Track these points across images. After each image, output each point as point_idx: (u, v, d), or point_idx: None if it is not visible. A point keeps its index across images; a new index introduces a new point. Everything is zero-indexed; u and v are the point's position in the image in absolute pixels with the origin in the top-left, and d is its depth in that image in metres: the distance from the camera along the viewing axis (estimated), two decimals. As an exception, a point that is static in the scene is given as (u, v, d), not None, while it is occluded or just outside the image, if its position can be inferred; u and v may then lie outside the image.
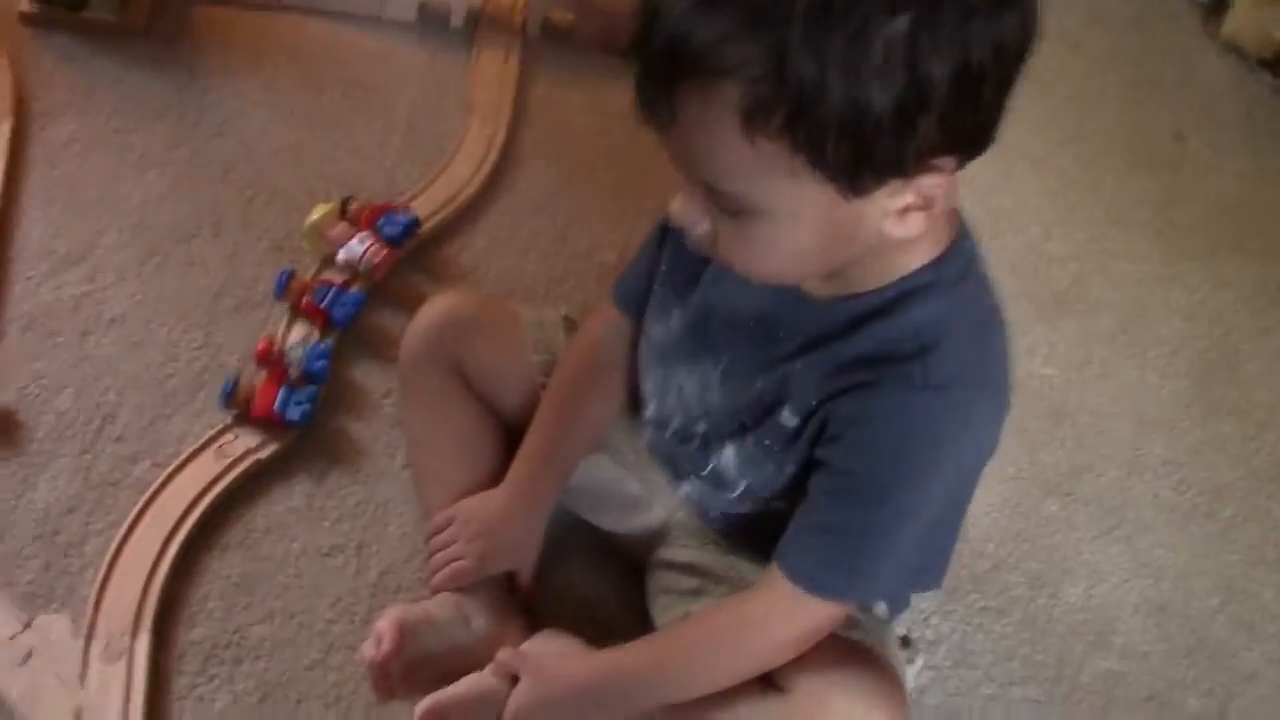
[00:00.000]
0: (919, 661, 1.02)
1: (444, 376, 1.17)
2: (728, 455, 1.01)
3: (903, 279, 0.86)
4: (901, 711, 0.94)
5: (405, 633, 1.03)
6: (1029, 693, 1.19)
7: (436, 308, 1.19)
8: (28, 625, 1.05)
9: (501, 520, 1.11)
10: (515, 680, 1.02)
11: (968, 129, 0.75)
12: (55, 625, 1.05)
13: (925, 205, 0.79)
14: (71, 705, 1.00)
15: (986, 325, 0.92)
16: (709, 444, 1.03)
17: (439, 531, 1.12)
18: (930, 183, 0.77)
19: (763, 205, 0.78)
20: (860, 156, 0.73)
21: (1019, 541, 1.30)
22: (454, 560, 1.10)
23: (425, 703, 0.99)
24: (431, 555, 1.12)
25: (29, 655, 1.03)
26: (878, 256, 0.85)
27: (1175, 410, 1.47)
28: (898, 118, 0.71)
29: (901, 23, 0.69)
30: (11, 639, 1.04)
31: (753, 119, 0.71)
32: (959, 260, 0.87)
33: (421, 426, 1.19)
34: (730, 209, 0.79)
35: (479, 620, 1.09)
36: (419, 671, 1.04)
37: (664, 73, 0.73)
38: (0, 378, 1.23)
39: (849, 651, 0.96)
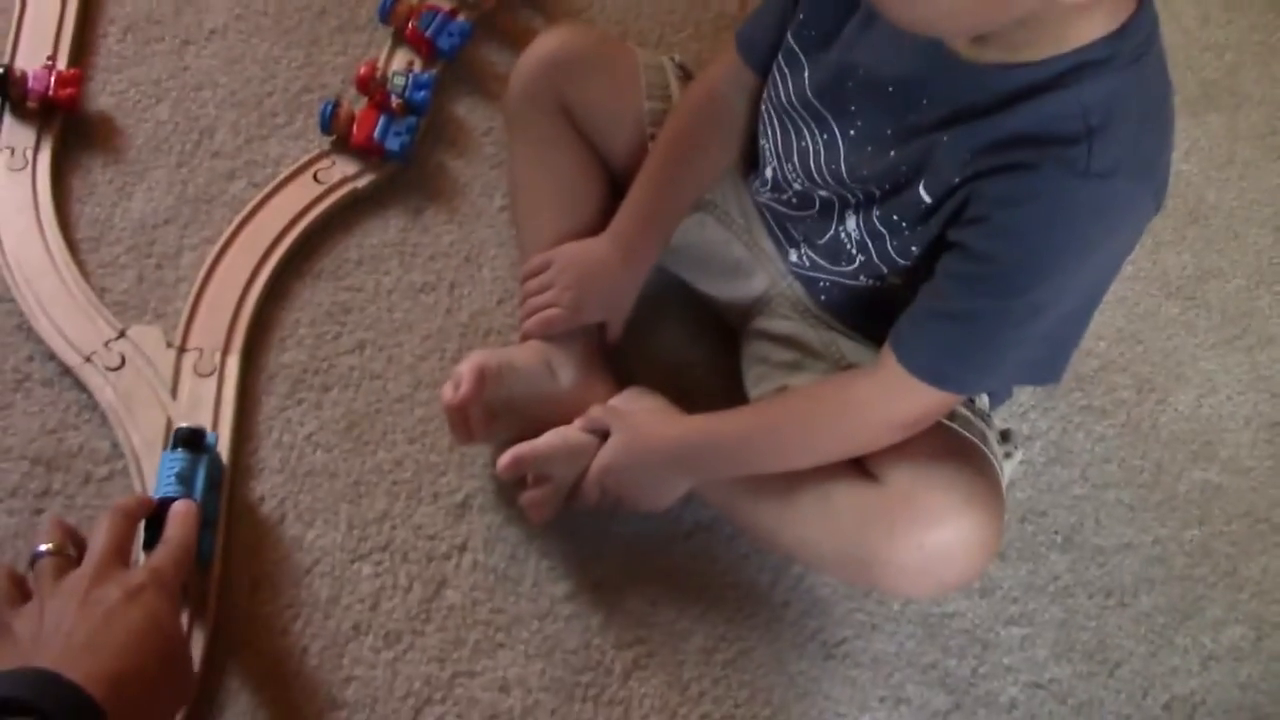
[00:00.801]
0: (1017, 456, 0.99)
1: (551, 116, 1.11)
2: (850, 226, 0.96)
3: (1075, 51, 0.78)
4: (997, 511, 0.91)
5: (485, 378, 1.00)
6: (1123, 496, 1.15)
7: (547, 43, 1.12)
8: (122, 333, 1.05)
9: (599, 270, 1.08)
10: (605, 436, 1.00)
11: None
12: (149, 336, 1.05)
13: None
14: (163, 415, 1.01)
15: (1159, 112, 0.83)
16: (831, 212, 0.97)
17: (535, 275, 1.09)
18: None
19: None
20: None
21: (1132, 343, 1.25)
22: (547, 306, 1.07)
23: (507, 455, 0.99)
24: (525, 299, 1.09)
25: (123, 362, 1.03)
26: (1047, 22, 0.76)
27: (1318, 220, 1.37)
28: None
29: None
30: (106, 345, 1.04)
31: None
32: (1138, 36, 0.78)
33: (524, 167, 1.14)
34: None
35: (566, 371, 1.07)
36: (501, 418, 1.03)
37: None
38: (100, 81, 1.20)
39: (948, 443, 0.93)
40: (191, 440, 0.95)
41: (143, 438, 1.00)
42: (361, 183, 1.17)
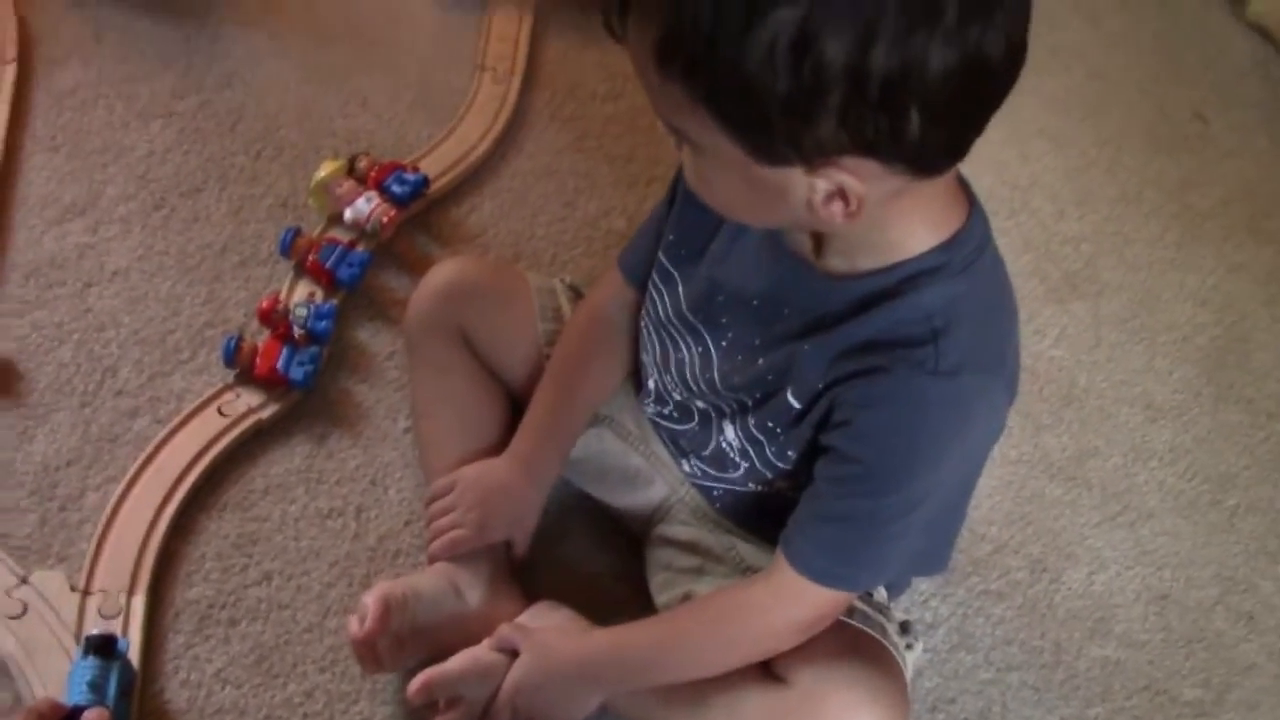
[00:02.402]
0: (918, 647, 1.02)
1: (449, 342, 1.15)
2: (729, 435, 1.00)
3: (912, 260, 0.84)
4: (902, 703, 0.94)
5: (391, 608, 1.01)
6: (1026, 678, 1.18)
7: (443, 273, 1.18)
8: (23, 580, 1.04)
9: (501, 489, 1.10)
10: (514, 656, 1.01)
11: (887, 142, 0.71)
12: (51, 581, 1.05)
13: (848, 201, 0.76)
14: (66, 661, 1.00)
15: (999, 309, 0.90)
16: (709, 422, 1.02)
17: (438, 498, 1.11)
18: (847, 180, 0.74)
19: (692, 139, 0.78)
20: (756, 128, 0.72)
21: (1022, 525, 1.30)
22: (452, 528, 1.09)
23: (419, 680, 0.99)
24: (430, 522, 1.11)
25: (24, 610, 1.02)
26: (878, 233, 0.83)
27: (1184, 397, 1.45)
28: (788, 104, 0.69)
29: (799, 7, 0.66)
30: (7, 593, 1.03)
31: (662, 58, 0.72)
32: (971, 242, 0.86)
33: (425, 392, 1.18)
34: (674, 135, 0.80)
35: (473, 592, 1.08)
36: (409, 644, 1.03)
37: None
38: (1, 326, 1.22)
39: (849, 640, 0.95)
40: (103, 647, 0.94)
41: (46, 686, 0.98)
42: (266, 413, 1.19)
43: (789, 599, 0.93)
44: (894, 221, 0.82)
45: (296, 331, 1.22)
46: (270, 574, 1.11)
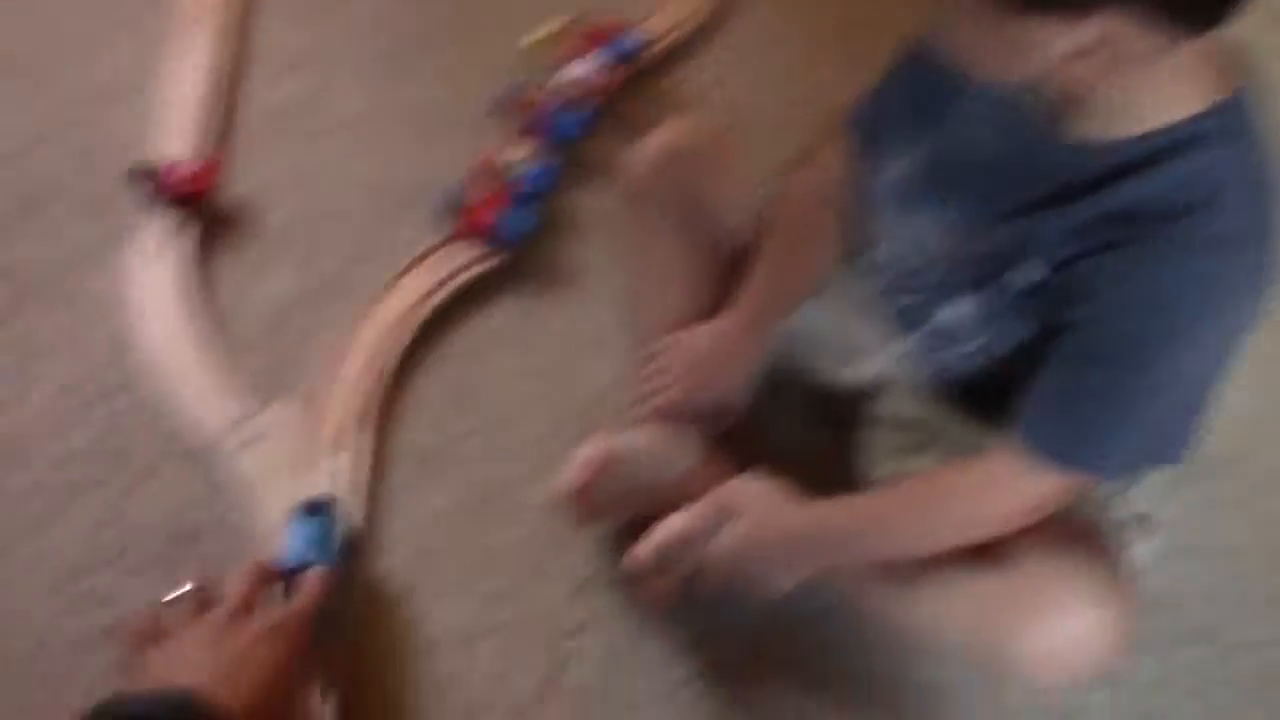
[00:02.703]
0: (1153, 542, 0.96)
1: (667, 205, 1.13)
2: (960, 308, 0.96)
3: (1170, 128, 0.78)
4: (1128, 601, 0.89)
5: (603, 463, 1.02)
6: (1259, 589, 1.12)
7: (663, 137, 1.15)
8: (257, 412, 1.08)
9: (715, 356, 1.09)
10: (724, 519, 1.00)
11: None
12: (283, 413, 1.08)
13: (1110, 56, 0.71)
14: (295, 491, 1.03)
15: (1264, 184, 0.83)
16: (941, 294, 0.97)
17: (652, 361, 1.10)
18: (1107, 32, 0.70)
19: None
20: None
21: (1270, 425, 1.22)
22: (664, 391, 1.08)
23: (647, 545, 0.97)
24: (642, 385, 1.10)
25: (257, 439, 1.06)
26: (1135, 97, 0.77)
27: None
28: None
29: None
30: (241, 423, 1.07)
31: None
32: (1235, 113, 0.78)
33: (642, 254, 1.16)
34: None
35: (683, 456, 1.07)
36: (620, 501, 1.03)
37: None
38: (236, 171, 1.25)
39: (1078, 528, 0.91)
40: (322, 510, 0.96)
41: (275, 513, 1.02)
42: (483, 268, 1.20)
43: (1015, 479, 0.87)
44: (1153, 85, 0.76)
45: (513, 189, 1.22)
46: (487, 423, 1.12)
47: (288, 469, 1.04)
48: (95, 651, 0.96)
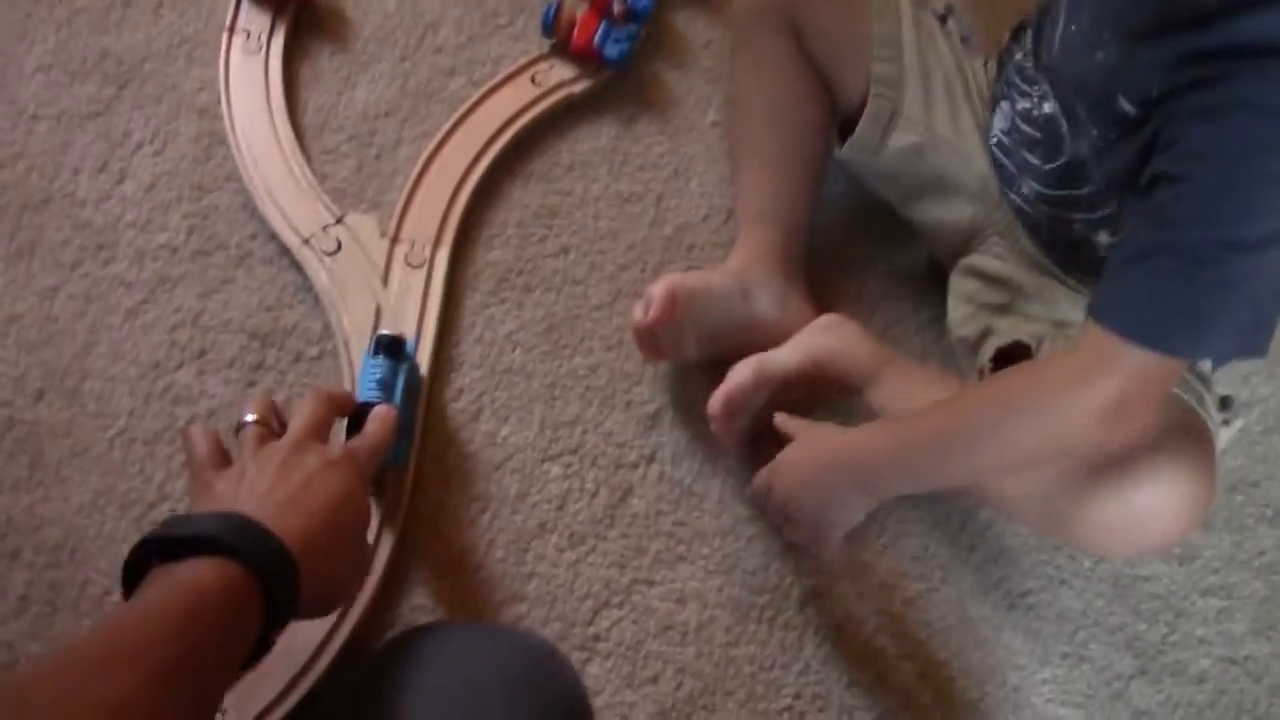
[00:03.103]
0: (1236, 424, 0.93)
1: (778, 35, 1.08)
2: (1070, 144, 0.91)
3: None
4: (1208, 477, 0.86)
5: (676, 300, 0.99)
6: (1344, 475, 1.09)
7: None
8: (339, 220, 1.08)
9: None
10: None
11: None
12: (364, 224, 1.08)
13: None
14: (373, 301, 1.04)
15: None
16: (1052, 127, 0.92)
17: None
18: None
19: None
20: None
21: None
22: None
23: (718, 398, 0.98)
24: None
25: (339, 247, 1.06)
26: None
27: None
28: None
29: None
30: (324, 230, 1.07)
31: None
32: None
33: (746, 84, 1.11)
34: None
35: (763, 298, 1.05)
36: (693, 341, 1.02)
37: None
38: (331, -28, 1.23)
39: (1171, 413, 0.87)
40: (393, 347, 0.96)
41: (353, 322, 1.03)
42: (578, 88, 1.17)
43: (1094, 370, 0.79)
44: None
45: (616, 7, 1.18)
46: (567, 248, 1.11)
47: (365, 281, 1.05)
48: (172, 446, 0.99)
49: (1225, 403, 0.93)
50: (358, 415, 0.89)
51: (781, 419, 1.00)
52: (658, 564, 1.00)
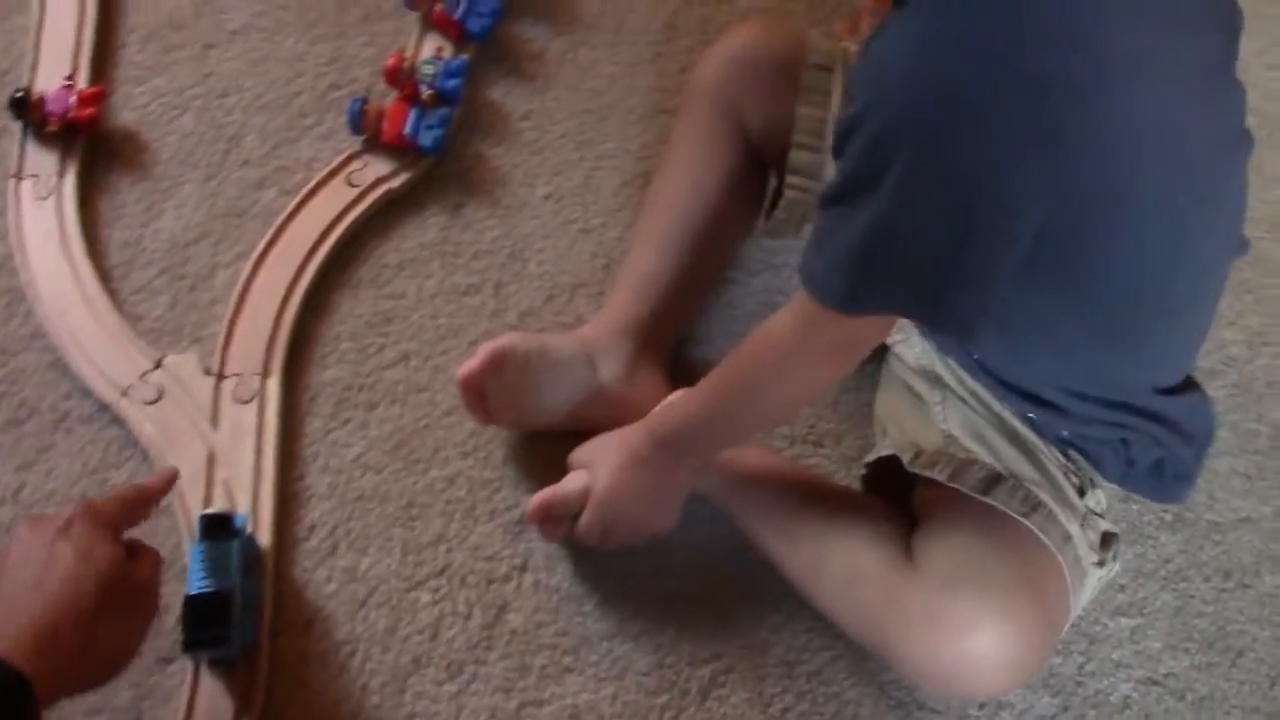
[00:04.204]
0: (1114, 568, 0.90)
1: (718, 118, 1.03)
2: None
3: None
4: (1041, 626, 0.83)
5: (506, 357, 0.94)
6: (1237, 465, 1.06)
7: (739, 39, 1.03)
8: (158, 364, 1.01)
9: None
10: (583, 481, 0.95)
11: None
12: (185, 364, 1.01)
13: None
14: (204, 446, 0.97)
15: None
16: None
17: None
18: None
19: None
20: None
21: (1240, 293, 1.14)
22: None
23: (535, 500, 0.94)
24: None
25: (161, 394, 0.99)
26: None
27: None
28: None
29: None
30: (142, 378, 1.00)
31: None
32: None
33: (669, 158, 1.07)
34: None
35: (608, 365, 0.99)
36: (530, 406, 0.97)
37: None
38: (122, 96, 1.16)
39: (1006, 533, 0.84)
40: (218, 527, 0.89)
41: (186, 471, 0.96)
42: (396, 182, 1.11)
43: (800, 317, 0.81)
44: None
45: (424, 91, 1.13)
46: (408, 354, 1.05)
47: (193, 425, 0.98)
48: None
49: (1107, 541, 0.89)
50: (193, 610, 0.85)
51: (571, 460, 0.96)
52: (544, 680, 0.93)
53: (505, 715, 0.92)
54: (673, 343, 1.05)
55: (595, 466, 0.94)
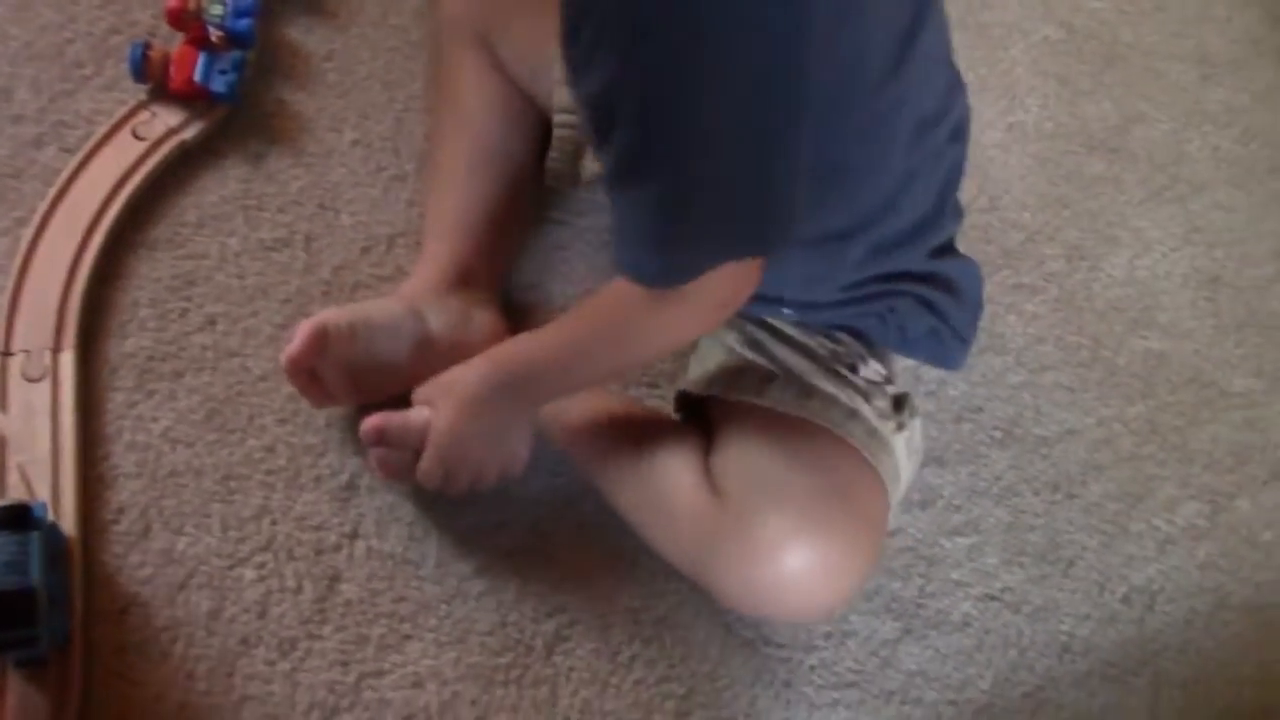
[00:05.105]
0: (915, 425, 0.88)
1: (470, 50, 0.98)
2: None
3: None
4: (855, 530, 0.82)
5: (328, 334, 0.89)
6: (1061, 378, 1.08)
7: None
8: (-67, 345, 0.92)
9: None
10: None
11: None
12: (-35, 343, 0.93)
13: None
14: (-7, 435, 0.90)
15: None
16: None
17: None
18: None
19: None
20: None
21: (1058, 208, 1.16)
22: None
23: (371, 420, 0.89)
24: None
25: (-61, 378, 0.91)
26: None
27: (1243, 48, 1.27)
28: None
29: None
30: (-83, 360, 0.92)
31: None
32: None
33: (437, 101, 1.03)
34: None
35: (437, 315, 0.95)
36: (370, 376, 0.92)
37: None
38: None
39: (800, 440, 0.83)
40: (15, 518, 0.81)
41: (-27, 460, 0.88)
42: (189, 133, 1.03)
43: (626, 296, 0.79)
44: None
45: (213, 34, 1.05)
46: (214, 318, 0.98)
47: (-24, 412, 0.90)
48: None
49: (900, 404, 0.88)
50: None
51: (414, 397, 0.91)
52: (383, 650, 0.90)
53: (345, 689, 0.88)
54: (499, 282, 1.00)
55: (436, 405, 0.89)
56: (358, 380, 0.92)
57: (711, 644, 0.93)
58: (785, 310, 0.88)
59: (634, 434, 0.93)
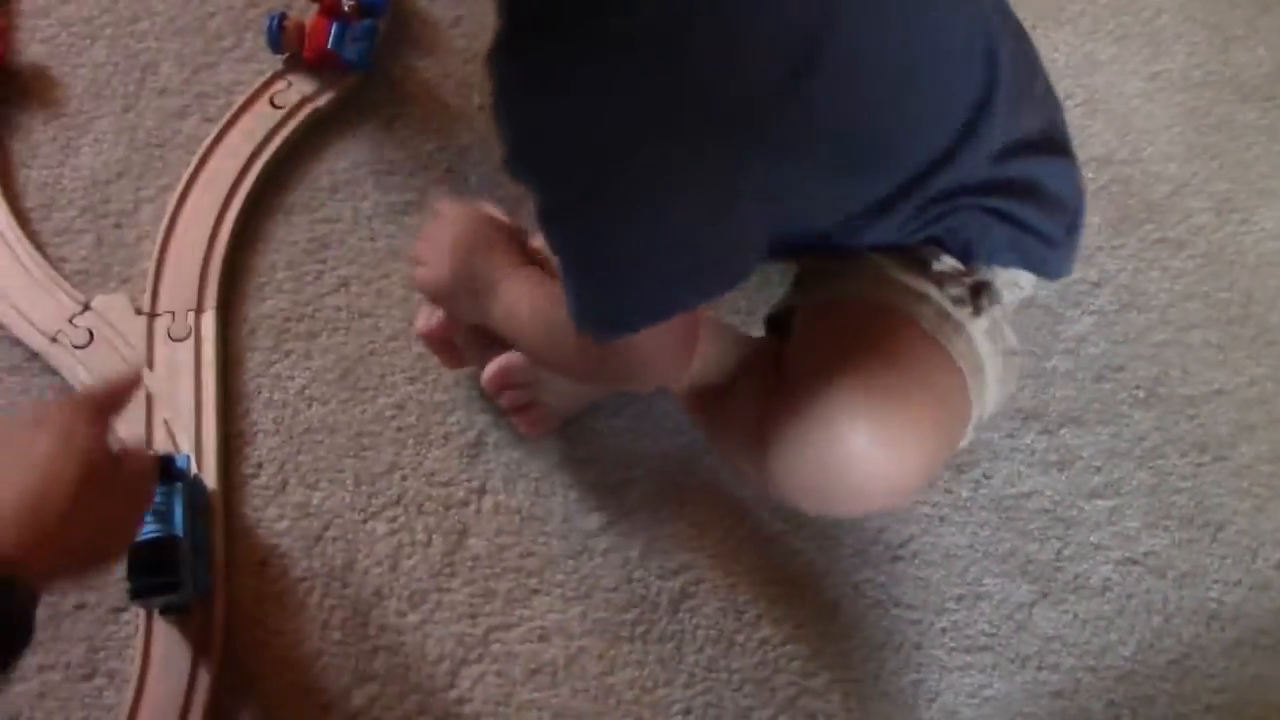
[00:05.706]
0: (993, 312, 0.79)
1: None
2: None
3: None
4: (930, 413, 0.75)
5: None
6: (1210, 336, 1.03)
7: None
8: (86, 306, 0.97)
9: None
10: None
11: None
12: (115, 305, 0.97)
13: None
14: (140, 388, 0.93)
15: None
16: None
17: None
18: None
19: None
20: None
21: (1206, 159, 1.10)
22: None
23: (486, 374, 0.90)
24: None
25: (91, 338, 0.95)
26: None
27: None
28: None
29: None
30: (71, 321, 0.96)
31: None
32: None
33: None
34: None
35: None
36: (486, 340, 0.91)
37: None
38: (28, 29, 1.10)
39: (870, 323, 0.77)
40: (160, 471, 0.84)
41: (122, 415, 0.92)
42: (323, 101, 1.06)
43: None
44: None
45: (346, 4, 1.07)
46: (347, 280, 1.01)
47: (127, 368, 0.94)
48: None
49: (978, 291, 0.79)
50: (137, 555, 0.81)
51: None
52: (511, 604, 0.91)
53: (473, 641, 0.89)
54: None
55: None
56: (487, 343, 0.92)
57: (840, 604, 0.92)
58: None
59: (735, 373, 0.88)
